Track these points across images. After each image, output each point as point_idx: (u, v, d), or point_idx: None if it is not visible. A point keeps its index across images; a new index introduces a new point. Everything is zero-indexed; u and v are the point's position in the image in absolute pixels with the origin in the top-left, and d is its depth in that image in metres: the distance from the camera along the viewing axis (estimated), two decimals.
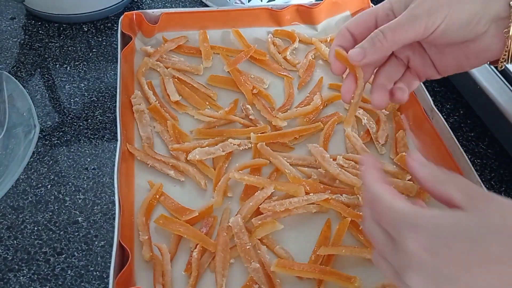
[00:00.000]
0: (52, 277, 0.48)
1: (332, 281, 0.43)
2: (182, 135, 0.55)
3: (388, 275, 0.32)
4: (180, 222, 0.47)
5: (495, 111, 0.58)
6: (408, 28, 0.38)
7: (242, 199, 0.50)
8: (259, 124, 0.57)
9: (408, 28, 0.38)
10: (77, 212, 0.53)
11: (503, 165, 0.61)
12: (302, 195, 0.49)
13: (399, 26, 0.38)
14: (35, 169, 0.57)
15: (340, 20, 0.70)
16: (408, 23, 0.38)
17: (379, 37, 0.39)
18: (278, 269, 0.43)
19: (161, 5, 0.82)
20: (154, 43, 0.65)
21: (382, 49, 0.39)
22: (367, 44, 0.40)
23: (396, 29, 0.38)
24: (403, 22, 0.38)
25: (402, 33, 0.38)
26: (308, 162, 0.54)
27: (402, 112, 0.60)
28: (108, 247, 0.50)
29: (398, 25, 0.39)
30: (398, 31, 0.38)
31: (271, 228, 0.47)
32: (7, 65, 0.69)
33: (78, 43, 0.73)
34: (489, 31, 0.39)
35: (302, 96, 0.61)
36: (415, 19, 0.38)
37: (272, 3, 0.75)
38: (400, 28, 0.38)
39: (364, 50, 0.40)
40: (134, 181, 0.51)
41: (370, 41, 0.40)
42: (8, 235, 0.51)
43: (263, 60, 0.64)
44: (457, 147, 0.51)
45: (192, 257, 0.45)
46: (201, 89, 0.60)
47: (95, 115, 0.63)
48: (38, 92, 0.65)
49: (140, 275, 0.44)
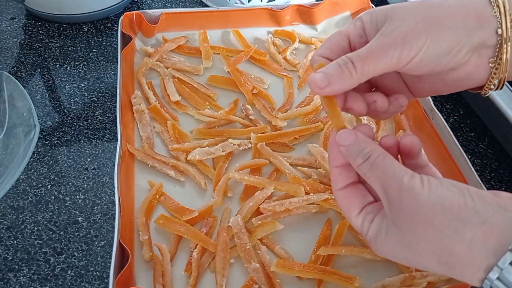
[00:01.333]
0: (52, 277, 0.48)
1: (332, 281, 0.43)
2: (182, 135, 0.55)
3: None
4: (180, 222, 0.47)
5: (495, 111, 0.58)
6: (380, 59, 0.33)
7: (242, 199, 0.50)
8: (259, 124, 0.57)
9: (379, 59, 0.33)
10: (77, 212, 0.53)
11: (503, 165, 0.61)
12: (302, 195, 0.49)
13: (370, 56, 0.34)
14: (35, 169, 0.57)
15: (340, 20, 0.70)
16: (379, 53, 0.33)
17: (348, 66, 0.34)
18: (278, 269, 0.43)
19: (161, 5, 0.82)
20: (154, 43, 0.65)
21: (351, 80, 0.34)
22: (333, 70, 0.34)
23: (366, 59, 0.34)
24: (374, 51, 0.34)
25: (373, 64, 0.34)
26: (308, 162, 0.54)
27: (402, 112, 0.60)
28: (108, 247, 0.50)
29: (369, 54, 0.34)
30: (369, 62, 0.34)
31: (271, 228, 0.47)
32: (7, 65, 0.69)
33: (78, 43, 0.73)
34: (471, 60, 0.35)
35: (302, 96, 0.61)
36: (387, 49, 0.33)
37: (272, 3, 0.75)
38: (371, 58, 0.34)
39: (328, 77, 0.34)
40: (134, 181, 0.51)
41: (338, 68, 0.34)
42: (8, 235, 0.51)
43: (263, 60, 0.64)
44: (457, 147, 0.51)
45: (192, 257, 0.45)
46: (201, 89, 0.60)
47: (95, 115, 0.63)
48: (38, 92, 0.65)
49: (140, 275, 0.44)
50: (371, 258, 0.46)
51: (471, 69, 0.35)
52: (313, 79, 0.34)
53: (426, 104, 0.57)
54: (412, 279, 0.44)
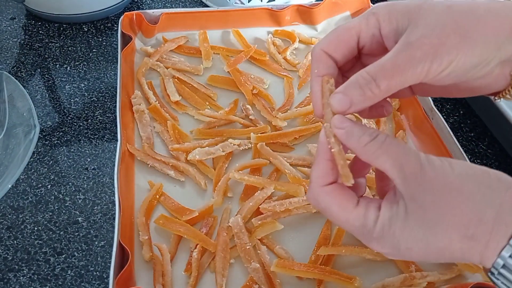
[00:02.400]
0: (52, 277, 0.48)
1: (332, 281, 0.44)
2: (182, 135, 0.55)
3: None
4: (180, 222, 0.47)
5: (495, 111, 0.58)
6: (407, 74, 0.30)
7: (242, 199, 0.50)
8: (259, 124, 0.57)
9: (406, 74, 0.30)
10: (77, 212, 0.53)
11: (503, 165, 0.61)
12: (302, 195, 0.49)
13: (396, 72, 0.30)
14: (35, 169, 0.57)
15: (340, 21, 0.70)
16: (407, 68, 0.30)
17: (371, 86, 0.31)
18: (278, 269, 0.43)
19: (161, 5, 0.81)
20: (154, 43, 0.65)
21: (374, 99, 0.31)
22: (354, 91, 0.31)
23: (392, 75, 0.30)
24: (400, 66, 0.30)
25: (398, 80, 0.31)
26: (308, 162, 0.54)
27: (402, 112, 0.60)
28: (108, 247, 0.50)
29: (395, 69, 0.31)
30: (395, 78, 0.31)
31: (271, 228, 0.47)
32: (7, 65, 0.69)
33: (78, 43, 0.73)
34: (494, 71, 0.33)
35: (302, 96, 0.61)
36: (416, 63, 0.30)
37: (272, 3, 0.75)
38: (398, 74, 0.30)
39: (349, 100, 0.31)
40: (134, 181, 0.51)
41: (359, 89, 0.31)
42: (8, 235, 0.51)
43: (263, 60, 0.64)
44: (457, 147, 0.51)
45: (192, 257, 0.45)
46: (201, 89, 0.60)
47: (95, 115, 0.63)
48: (38, 92, 0.65)
49: (140, 275, 0.44)
50: (371, 258, 0.46)
51: (491, 80, 0.34)
52: (333, 103, 0.32)
53: (426, 104, 0.57)
54: (412, 279, 0.44)
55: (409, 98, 0.59)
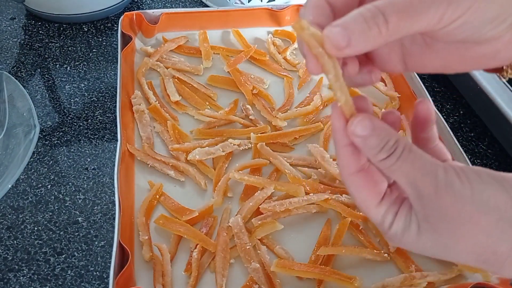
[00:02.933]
0: (52, 277, 0.48)
1: (332, 281, 0.44)
2: (182, 135, 0.55)
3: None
4: (180, 222, 0.47)
5: (495, 111, 0.58)
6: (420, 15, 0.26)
7: (242, 199, 0.50)
8: (259, 124, 0.57)
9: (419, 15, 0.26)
10: (77, 212, 0.53)
11: (503, 165, 0.61)
12: (302, 195, 0.49)
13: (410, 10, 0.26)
14: (35, 169, 0.57)
15: None
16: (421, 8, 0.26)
17: (378, 21, 0.26)
18: (278, 269, 0.43)
19: (161, 5, 0.81)
20: (154, 43, 0.65)
21: (378, 40, 0.26)
22: (357, 25, 0.26)
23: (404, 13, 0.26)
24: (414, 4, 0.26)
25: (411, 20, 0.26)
26: (308, 162, 0.54)
27: (402, 112, 0.60)
28: (108, 247, 0.50)
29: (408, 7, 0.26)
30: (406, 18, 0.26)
31: (271, 228, 0.47)
32: (7, 65, 0.69)
33: (78, 43, 0.73)
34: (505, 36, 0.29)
35: (302, 96, 0.61)
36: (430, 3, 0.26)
37: (272, 3, 0.75)
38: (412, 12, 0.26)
39: (349, 34, 0.26)
40: (134, 181, 0.51)
41: (363, 22, 0.26)
42: (8, 235, 0.51)
43: (263, 60, 0.64)
44: (457, 147, 0.51)
45: (192, 257, 0.45)
46: (201, 89, 0.60)
47: (95, 115, 0.63)
48: (38, 92, 0.65)
49: (140, 275, 0.44)
50: (371, 258, 0.46)
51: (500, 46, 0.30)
52: (329, 35, 0.26)
53: None
54: (412, 279, 0.44)
55: (409, 98, 0.59)
